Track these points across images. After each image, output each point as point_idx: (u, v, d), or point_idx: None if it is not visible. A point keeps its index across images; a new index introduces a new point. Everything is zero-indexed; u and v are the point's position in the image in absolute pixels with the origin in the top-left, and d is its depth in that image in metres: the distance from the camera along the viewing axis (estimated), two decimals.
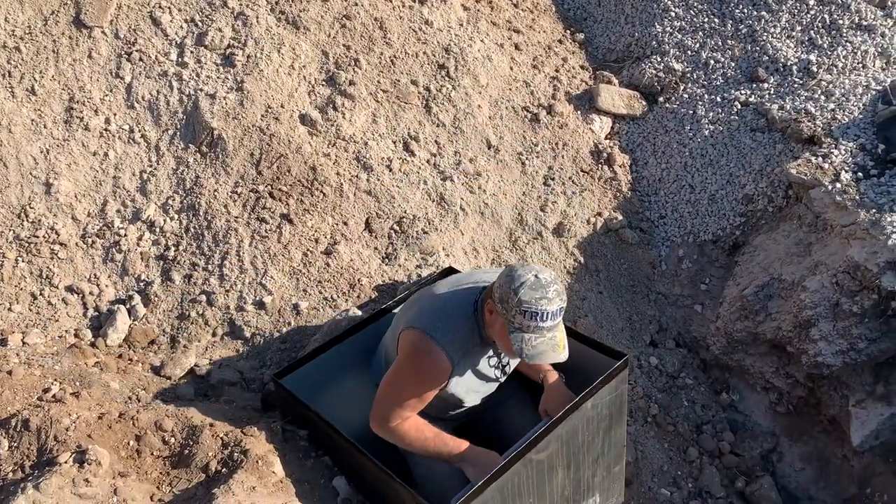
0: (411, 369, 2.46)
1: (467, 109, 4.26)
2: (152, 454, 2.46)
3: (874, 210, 3.60)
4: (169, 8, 3.89)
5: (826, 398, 3.68)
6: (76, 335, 3.15)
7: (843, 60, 4.49)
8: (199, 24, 3.90)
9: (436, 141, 4.07)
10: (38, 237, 3.30)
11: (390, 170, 3.83)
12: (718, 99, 4.63)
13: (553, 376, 2.71)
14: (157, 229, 3.43)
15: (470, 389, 2.58)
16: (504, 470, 2.28)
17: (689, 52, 4.89)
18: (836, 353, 3.50)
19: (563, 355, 2.35)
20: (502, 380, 2.69)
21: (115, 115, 3.62)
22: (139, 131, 3.62)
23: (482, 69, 4.47)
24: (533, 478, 2.42)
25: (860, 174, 3.81)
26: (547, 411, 2.61)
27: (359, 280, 3.40)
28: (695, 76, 4.80)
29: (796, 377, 3.80)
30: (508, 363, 2.66)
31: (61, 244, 3.32)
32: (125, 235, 3.39)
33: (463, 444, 2.47)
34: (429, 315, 2.49)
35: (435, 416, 2.61)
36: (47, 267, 3.26)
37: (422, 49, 4.33)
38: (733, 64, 4.74)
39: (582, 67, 5.03)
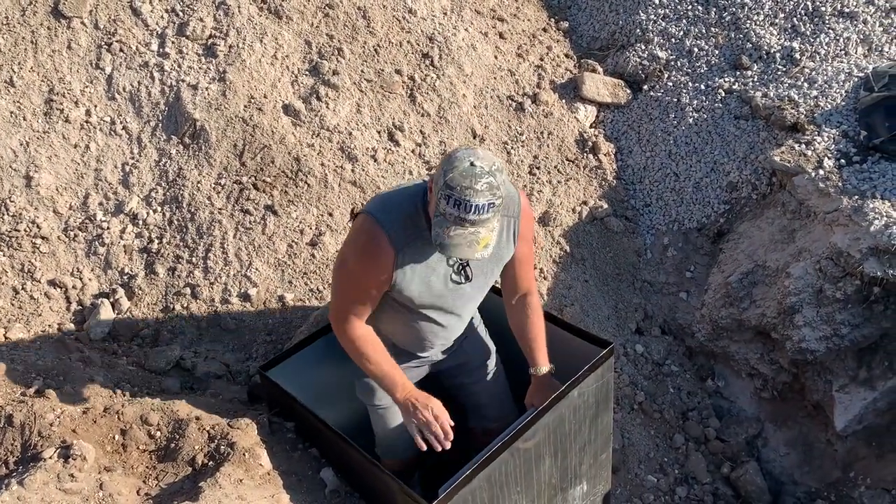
0: (351, 251, 2.32)
1: (452, 99, 4.24)
2: (138, 448, 2.44)
3: (857, 196, 3.63)
4: None
5: (810, 384, 3.72)
6: (59, 329, 3.12)
7: (826, 47, 4.51)
8: (180, 13, 3.86)
9: (420, 131, 4.06)
10: (19, 231, 3.26)
11: (375, 160, 3.82)
12: (702, 87, 4.64)
13: (544, 369, 2.61)
14: (140, 222, 3.41)
15: (424, 289, 2.37)
16: (492, 459, 2.29)
17: (673, 39, 4.89)
18: (820, 339, 3.54)
19: (479, 253, 2.14)
20: (463, 283, 2.43)
21: (95, 106, 3.58)
22: (121, 123, 3.58)
23: (466, 58, 4.45)
24: (520, 466, 2.43)
25: (843, 161, 3.83)
26: (533, 404, 2.60)
27: None
28: (679, 64, 4.80)
29: (781, 363, 3.83)
30: (467, 262, 2.41)
31: (43, 238, 3.28)
32: (108, 228, 3.36)
33: (408, 384, 2.37)
34: (376, 201, 2.36)
35: (402, 346, 2.54)
36: (29, 261, 3.22)
37: (406, 38, 4.31)
38: (717, 52, 4.74)
39: (566, 56, 5.02)
